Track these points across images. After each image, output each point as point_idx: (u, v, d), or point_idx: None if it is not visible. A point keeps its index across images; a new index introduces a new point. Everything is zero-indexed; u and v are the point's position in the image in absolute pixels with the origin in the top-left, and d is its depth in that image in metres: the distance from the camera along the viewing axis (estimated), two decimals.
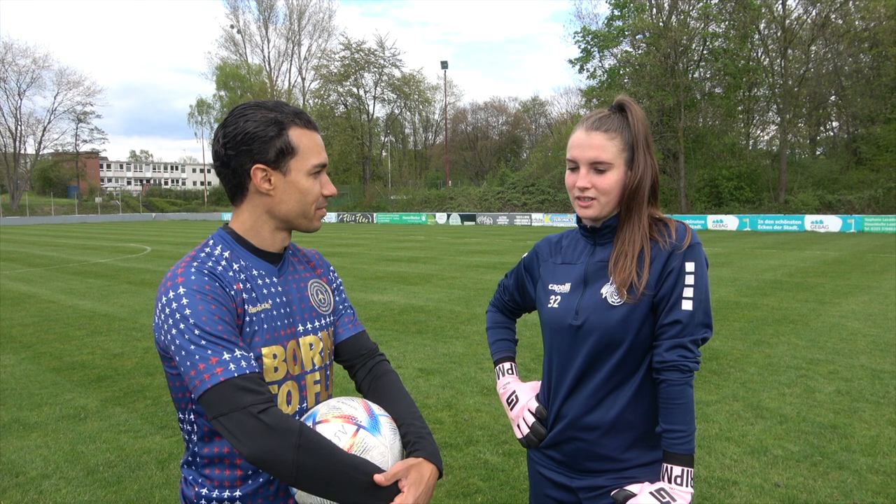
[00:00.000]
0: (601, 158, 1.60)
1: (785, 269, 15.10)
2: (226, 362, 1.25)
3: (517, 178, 54.24)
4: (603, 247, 1.69)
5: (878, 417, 4.92)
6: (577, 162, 1.64)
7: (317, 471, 1.24)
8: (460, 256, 19.39)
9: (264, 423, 1.21)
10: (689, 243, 1.58)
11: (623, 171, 1.62)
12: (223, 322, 1.30)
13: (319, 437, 1.28)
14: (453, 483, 3.91)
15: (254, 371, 1.28)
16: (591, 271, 1.67)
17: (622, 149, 1.62)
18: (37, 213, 70.58)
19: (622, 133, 1.62)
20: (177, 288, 1.31)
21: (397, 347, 7.42)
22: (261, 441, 1.21)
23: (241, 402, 1.22)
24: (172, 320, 1.28)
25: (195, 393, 1.25)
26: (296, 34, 75.12)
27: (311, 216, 1.48)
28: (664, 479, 1.52)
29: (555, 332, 1.71)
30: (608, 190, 1.61)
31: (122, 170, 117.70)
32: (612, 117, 1.64)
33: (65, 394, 5.81)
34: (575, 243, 1.77)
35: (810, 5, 41.14)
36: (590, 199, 1.63)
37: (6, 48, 72.37)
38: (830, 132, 48.20)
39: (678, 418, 1.51)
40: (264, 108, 1.41)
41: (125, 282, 13.97)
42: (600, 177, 1.61)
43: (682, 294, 1.55)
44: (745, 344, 7.38)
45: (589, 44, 47.54)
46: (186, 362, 1.26)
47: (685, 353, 1.53)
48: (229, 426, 1.22)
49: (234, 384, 1.23)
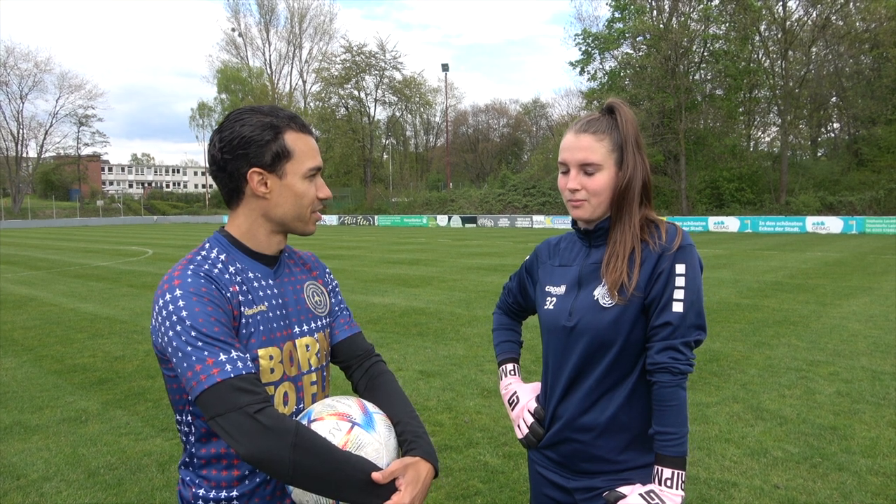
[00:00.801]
0: (590, 160, 1.61)
1: (786, 270, 15.10)
2: (222, 363, 1.26)
3: (518, 181, 54.27)
4: (597, 248, 1.70)
5: (878, 419, 4.92)
6: (567, 164, 1.66)
7: (313, 469, 1.25)
8: (461, 259, 19.40)
9: (260, 422, 1.23)
10: (679, 245, 1.58)
11: (613, 172, 1.63)
12: (219, 323, 1.31)
13: (315, 436, 1.29)
14: (453, 485, 3.92)
15: (250, 372, 1.29)
16: (585, 273, 1.68)
17: (611, 150, 1.63)
18: (38, 216, 70.71)
19: (611, 134, 1.64)
20: (173, 291, 1.32)
21: (398, 350, 7.43)
22: (257, 440, 1.22)
23: (238, 403, 1.23)
24: (169, 322, 1.30)
25: (192, 394, 1.27)
26: (297, 37, 75.37)
27: (306, 219, 1.49)
28: (655, 481, 1.52)
29: (550, 333, 1.73)
30: (598, 191, 1.62)
31: (123, 173, 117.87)
32: (602, 119, 1.66)
33: (66, 396, 5.82)
34: (571, 245, 1.79)
35: (811, 7, 41.17)
36: (580, 200, 1.64)
37: (8, 52, 72.96)
38: (831, 133, 48.19)
39: (670, 420, 1.52)
40: (260, 113, 1.43)
41: (126, 285, 13.99)
42: (590, 178, 1.62)
43: (672, 296, 1.55)
44: (746, 345, 7.38)
45: (590, 46, 47.59)
46: (183, 363, 1.27)
47: (676, 354, 1.53)
48: (226, 426, 1.23)
49: (230, 385, 1.24)
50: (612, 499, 1.54)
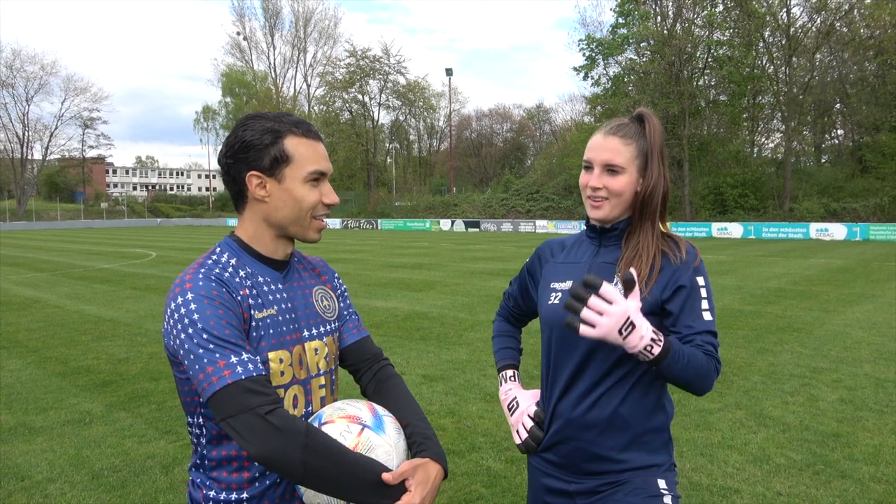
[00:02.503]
0: (614, 161, 1.67)
1: (789, 277, 15.07)
2: (233, 365, 1.28)
3: (521, 185, 54.24)
4: (608, 249, 1.74)
5: (881, 426, 4.91)
6: (591, 162, 1.70)
7: (324, 470, 1.26)
8: (464, 263, 19.41)
9: (271, 423, 1.24)
10: (697, 259, 1.66)
11: (635, 177, 1.68)
12: (230, 326, 1.33)
13: (326, 437, 1.31)
14: (456, 490, 3.92)
15: (261, 374, 1.31)
16: (594, 272, 1.71)
17: (636, 155, 1.68)
18: (43, 218, 70.91)
19: (637, 141, 1.69)
20: (185, 294, 1.34)
21: (401, 354, 7.43)
22: (268, 441, 1.24)
23: (249, 404, 1.25)
24: (181, 325, 1.32)
25: (204, 395, 1.29)
26: (301, 41, 75.51)
27: (306, 225, 1.49)
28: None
29: (553, 328, 1.75)
30: (620, 191, 1.67)
31: (127, 175, 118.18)
32: (630, 126, 1.72)
33: (70, 398, 5.85)
34: (579, 245, 1.83)
35: (815, 13, 41.14)
36: (601, 198, 1.68)
37: (14, 55, 73.19)
38: (835, 140, 48.10)
39: (694, 362, 1.53)
40: (265, 119, 1.45)
41: (130, 287, 14.03)
42: (613, 178, 1.67)
43: (701, 306, 1.62)
44: (749, 352, 7.37)
45: (594, 51, 47.61)
46: (195, 366, 1.29)
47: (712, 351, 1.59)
48: (238, 427, 1.25)
49: (241, 386, 1.26)
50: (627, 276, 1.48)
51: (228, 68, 78.32)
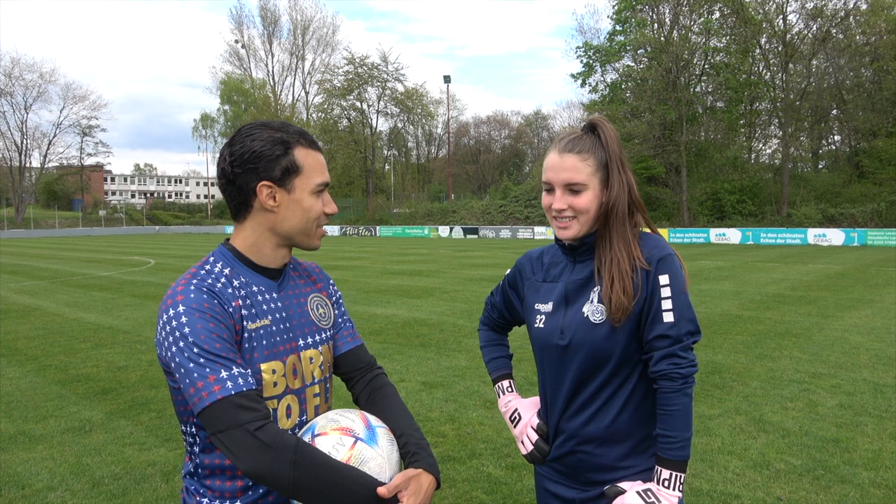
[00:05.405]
0: (575, 180, 1.62)
1: (788, 282, 15.10)
2: (223, 380, 1.28)
3: (520, 192, 54.37)
4: (582, 264, 1.71)
5: (880, 431, 4.92)
6: (552, 184, 1.66)
7: (313, 485, 1.27)
8: (463, 270, 19.42)
9: (260, 440, 1.25)
10: (658, 256, 1.61)
11: (598, 191, 1.64)
12: (221, 339, 1.33)
13: (315, 452, 1.31)
14: (456, 496, 3.93)
15: (251, 388, 1.31)
16: (571, 290, 1.69)
17: (596, 169, 1.64)
18: (41, 225, 70.90)
19: (595, 153, 1.64)
20: (176, 306, 1.34)
21: (400, 361, 7.44)
22: (257, 457, 1.24)
23: (238, 420, 1.26)
24: (172, 338, 1.32)
25: (194, 410, 1.30)
26: (300, 49, 75.84)
27: (312, 234, 1.51)
28: (654, 480, 1.56)
29: (543, 351, 1.74)
30: (585, 209, 1.63)
31: (126, 183, 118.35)
32: (585, 138, 1.66)
33: (70, 406, 5.84)
34: (556, 260, 1.79)
35: (811, 20, 41.38)
36: (568, 218, 1.65)
37: (13, 63, 73.55)
38: (832, 146, 48.29)
39: (671, 424, 1.55)
40: (270, 128, 1.46)
41: (129, 295, 14.02)
42: (576, 197, 1.63)
43: (661, 308, 1.57)
44: (748, 358, 7.38)
45: (591, 58, 47.85)
46: (186, 380, 1.30)
47: (676, 360, 1.56)
48: (227, 443, 1.26)
49: (231, 402, 1.27)
50: (612, 494, 1.58)
51: (227, 76, 78.56)
